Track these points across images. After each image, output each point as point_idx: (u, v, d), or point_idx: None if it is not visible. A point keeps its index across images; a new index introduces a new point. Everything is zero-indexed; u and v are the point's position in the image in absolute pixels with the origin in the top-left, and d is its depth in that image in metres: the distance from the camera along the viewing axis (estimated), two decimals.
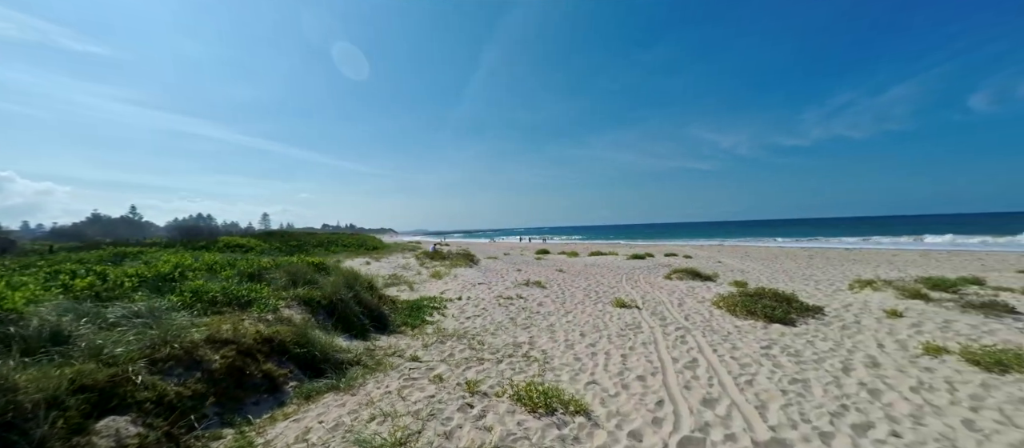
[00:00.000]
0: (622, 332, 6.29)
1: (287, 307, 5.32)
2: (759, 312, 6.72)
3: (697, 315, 7.26)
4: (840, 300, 8.09)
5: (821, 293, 9.08)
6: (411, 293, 10.14)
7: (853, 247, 29.05)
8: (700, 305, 8.05)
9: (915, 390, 3.95)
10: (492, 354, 5.27)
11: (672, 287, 10.56)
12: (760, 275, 13.25)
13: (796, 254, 23.31)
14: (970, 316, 6.29)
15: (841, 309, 7.25)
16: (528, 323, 6.97)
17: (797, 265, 16.85)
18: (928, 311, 6.67)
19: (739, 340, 5.70)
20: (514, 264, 18.06)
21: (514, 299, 9.10)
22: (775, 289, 8.35)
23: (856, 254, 22.40)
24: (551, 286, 11.09)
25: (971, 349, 4.71)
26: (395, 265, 16.04)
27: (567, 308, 8.23)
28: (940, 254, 21.35)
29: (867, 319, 6.45)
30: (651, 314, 7.46)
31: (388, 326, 6.51)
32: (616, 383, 4.30)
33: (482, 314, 7.69)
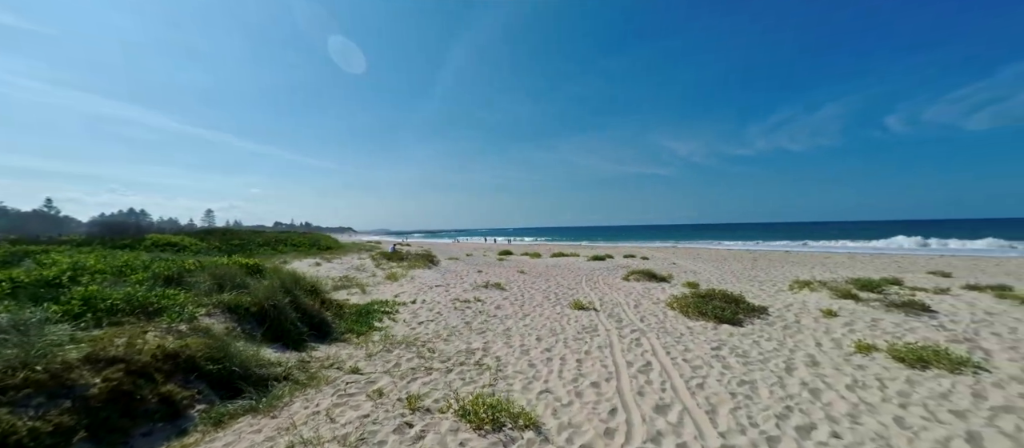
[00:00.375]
0: (578, 336, 6.19)
1: (208, 315, 4.71)
2: (710, 313, 6.88)
3: (652, 317, 7.33)
4: (782, 300, 8.51)
5: (765, 293, 9.54)
6: (363, 297, 9.56)
7: (791, 250, 31.38)
8: (655, 306, 8.17)
9: (850, 388, 4.11)
10: (442, 363, 4.96)
11: (629, 288, 10.70)
12: (711, 276, 13.81)
13: (742, 256, 24.73)
14: (893, 315, 6.78)
15: (783, 309, 7.60)
16: (484, 328, 6.71)
17: (743, 266, 17.81)
18: (858, 310, 7.13)
19: (691, 341, 5.76)
20: (475, 265, 17.72)
21: (471, 302, 8.80)
22: (724, 290, 8.64)
23: (794, 257, 24.12)
24: (511, 288, 10.89)
25: (896, 347, 5.01)
26: (348, 266, 15.18)
27: (525, 311, 8.05)
28: (864, 257, 23.48)
29: (806, 319, 6.78)
30: (608, 316, 7.45)
31: (330, 334, 6.00)
32: (570, 391, 4.14)
33: (436, 319, 7.33)
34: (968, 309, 7.07)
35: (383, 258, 18.21)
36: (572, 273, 14.78)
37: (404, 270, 14.30)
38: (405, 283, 11.64)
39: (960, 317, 6.60)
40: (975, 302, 7.52)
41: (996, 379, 4.21)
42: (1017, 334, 5.63)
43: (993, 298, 7.74)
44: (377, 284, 11.43)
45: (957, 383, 4.14)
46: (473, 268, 16.30)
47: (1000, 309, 6.95)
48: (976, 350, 5.03)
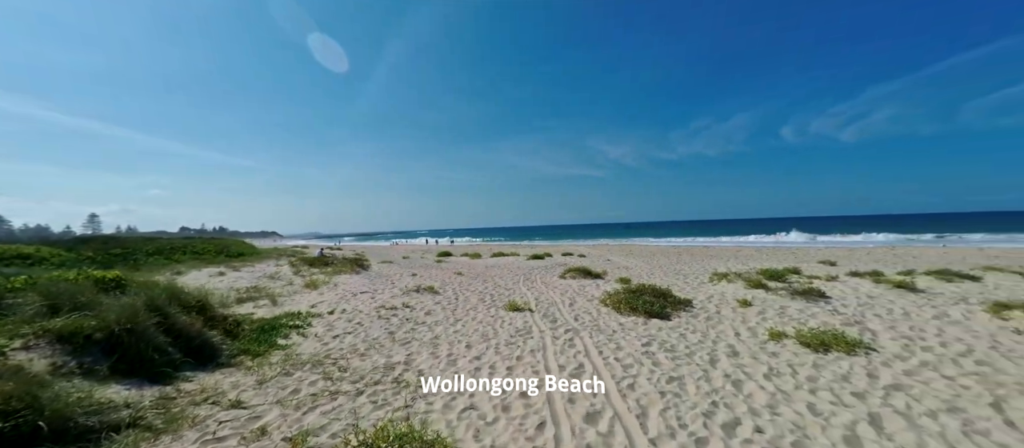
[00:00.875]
0: (511, 340, 5.85)
1: (26, 348, 3.59)
2: (640, 308, 6.95)
3: (586, 314, 7.24)
4: (704, 292, 8.97)
5: (689, 286, 10.03)
6: (272, 309, 8.37)
7: (709, 245, 34.41)
8: (589, 304, 8.13)
9: (768, 377, 4.23)
10: (354, 383, 4.30)
11: (565, 286, 10.67)
12: (641, 271, 14.39)
13: (668, 251, 26.46)
14: (797, 302, 7.40)
15: (705, 301, 7.96)
16: (409, 337, 6.10)
17: (669, 261, 18.97)
18: (769, 300, 7.68)
19: (623, 338, 5.70)
20: (411, 268, 16.78)
21: (399, 309, 8.09)
22: (654, 285, 8.88)
23: (712, 250, 26.37)
24: (445, 291, 10.31)
25: (802, 332, 5.36)
26: (260, 275, 13.46)
27: (458, 315, 7.56)
28: (768, 249, 26.38)
29: (726, 310, 7.13)
30: (543, 317, 7.23)
31: (216, 357, 5.01)
32: (496, 405, 3.75)
33: (355, 330, 6.55)
34: (854, 293, 7.95)
35: (305, 264, 16.51)
36: (511, 273, 14.55)
37: (328, 276, 13.00)
38: (326, 291, 10.50)
39: (848, 301, 7.37)
40: (858, 287, 8.51)
41: (884, 358, 4.62)
42: (893, 315, 6.36)
43: (871, 283, 8.82)
44: (293, 294, 10.16)
45: (854, 364, 4.46)
46: (407, 271, 15.38)
47: (878, 292, 7.92)
48: (865, 332, 5.55)
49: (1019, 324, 5.42)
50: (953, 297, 7.37)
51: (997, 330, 5.35)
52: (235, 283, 11.55)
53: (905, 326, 5.74)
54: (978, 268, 10.78)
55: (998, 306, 6.07)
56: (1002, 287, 8.19)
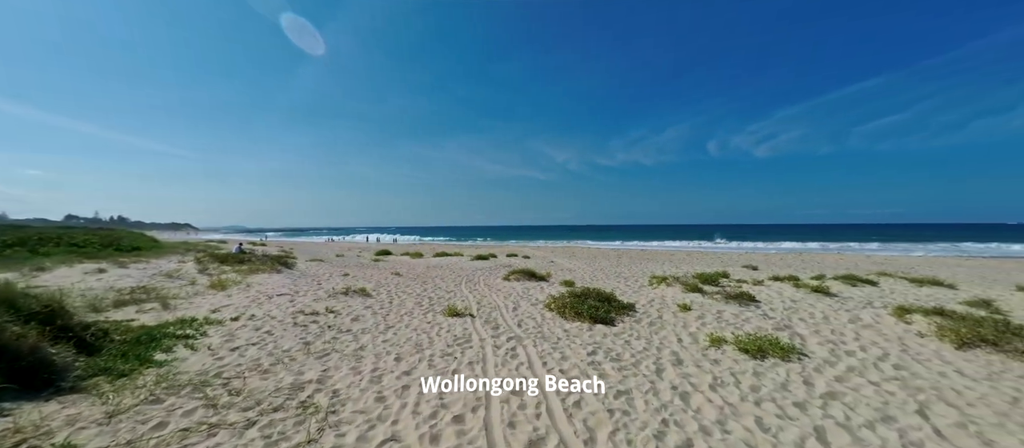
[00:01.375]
0: (448, 350, 5.26)
1: None
2: (585, 314, 6.71)
3: (530, 320, 6.86)
4: (645, 296, 9.04)
5: (630, 289, 10.11)
6: (161, 314, 6.97)
7: (646, 248, 36.26)
8: (533, 308, 7.77)
9: (713, 387, 4.09)
10: (246, 411, 3.47)
11: (509, 289, 10.26)
12: (585, 274, 14.45)
13: (609, 254, 27.30)
14: (732, 306, 7.64)
15: (647, 305, 7.97)
16: (328, 349, 5.27)
17: (611, 263, 19.44)
18: (706, 304, 7.86)
19: (568, 347, 5.37)
20: (344, 267, 15.40)
21: (321, 314, 7.12)
22: (598, 289, 8.76)
23: (649, 254, 27.68)
24: (379, 294, 9.40)
25: (740, 338, 5.40)
26: (154, 273, 11.45)
27: (390, 322, 6.80)
28: (698, 254, 28.30)
29: (667, 314, 7.14)
30: (485, 322, 6.72)
31: (59, 380, 3.85)
32: (425, 434, 3.17)
33: (263, 340, 5.56)
34: (779, 297, 8.44)
35: (215, 261, 14.45)
36: (453, 274, 13.86)
37: (241, 275, 11.38)
38: (236, 292, 9.09)
39: (775, 305, 7.76)
40: (782, 291, 9.08)
41: (815, 364, 4.73)
42: (815, 318, 6.75)
43: (792, 287, 9.48)
44: (193, 296, 8.65)
45: (790, 371, 4.50)
46: (338, 271, 14.06)
47: (799, 297, 8.47)
48: (795, 336, 5.75)
49: (920, 327, 5.94)
50: (861, 301, 8.07)
51: (903, 333, 5.81)
52: (117, 282, 9.65)
53: (827, 330, 6.06)
54: (873, 274, 12.14)
55: (900, 310, 6.67)
56: (896, 291, 9.19)
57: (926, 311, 6.41)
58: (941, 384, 4.10)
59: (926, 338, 5.55)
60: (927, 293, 9.06)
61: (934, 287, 9.73)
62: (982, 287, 10.20)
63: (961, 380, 4.20)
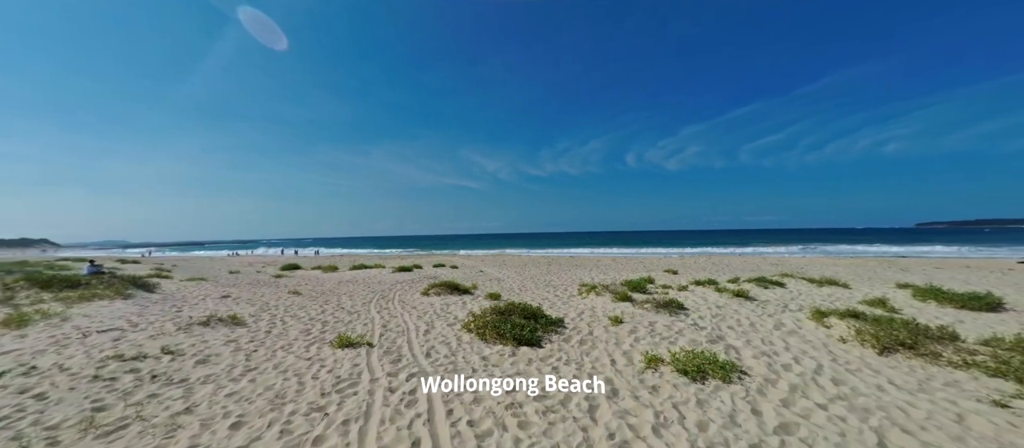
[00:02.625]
0: (316, 405, 3.86)
1: None
2: (508, 335, 5.70)
3: (443, 346, 5.67)
4: (575, 307, 8.35)
5: (559, 300, 9.40)
6: None
7: (575, 254, 36.93)
8: (450, 329, 6.59)
9: (657, 431, 3.29)
10: None
11: (426, 305, 8.93)
12: (513, 284, 13.59)
13: (539, 261, 27.00)
14: (662, 316, 7.20)
15: (577, 318, 7.23)
16: (129, 418, 3.56)
17: (540, 271, 18.92)
18: (636, 314, 7.34)
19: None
20: (229, 287, 12.71)
21: (152, 357, 5.19)
22: (525, 303, 7.84)
23: (577, 260, 27.93)
24: (257, 321, 7.47)
25: (677, 357, 4.78)
26: None
27: (254, 362, 5.14)
28: (622, 259, 29.28)
29: (598, 329, 6.42)
30: (384, 353, 5.38)
31: None
32: None
33: (19, 412, 3.64)
34: (705, 303, 8.27)
35: (36, 286, 10.92)
36: (367, 290, 12.09)
37: (65, 305, 8.52)
38: (37, 331, 6.55)
39: (703, 312, 7.51)
40: (706, 296, 9.00)
41: (757, 384, 4.22)
42: (743, 326, 6.51)
43: (714, 292, 9.50)
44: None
45: (734, 396, 3.91)
46: (218, 291, 11.48)
47: (723, 302, 8.39)
48: (730, 350, 5.32)
49: (840, 332, 5.90)
50: (777, 304, 8.19)
51: (826, 339, 5.71)
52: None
53: (758, 339, 5.76)
54: (777, 275, 12.96)
55: (817, 314, 6.71)
56: (802, 293, 9.64)
57: (841, 314, 6.49)
58: (885, 402, 3.77)
59: (848, 343, 5.46)
60: (828, 293, 9.64)
61: (832, 287, 10.46)
62: (868, 285, 11.26)
63: (899, 395, 3.93)
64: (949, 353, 4.83)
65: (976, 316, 7.12)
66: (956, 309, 7.66)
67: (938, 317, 7.07)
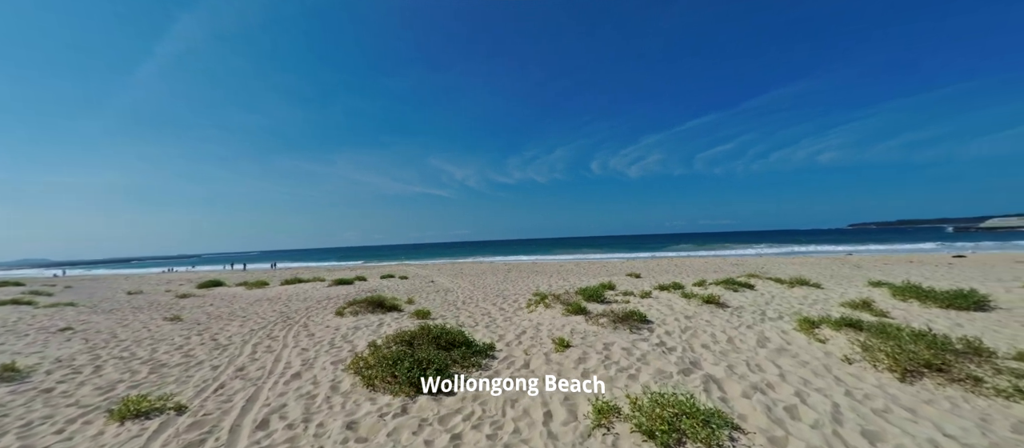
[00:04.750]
0: None
1: None
2: (403, 378, 3.94)
3: (300, 404, 3.83)
4: (517, 324, 6.72)
5: (503, 314, 7.75)
6: None
7: (538, 261, 35.59)
8: (331, 369, 4.72)
9: None
10: None
11: (331, 330, 6.96)
12: (461, 295, 11.85)
13: (500, 269, 25.32)
14: (621, 334, 5.69)
15: (514, 341, 5.58)
16: None
17: (497, 279, 17.26)
18: (589, 334, 5.79)
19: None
20: (99, 313, 10.01)
21: None
22: (447, 328, 6.06)
23: (539, 266, 26.52)
24: (48, 372, 5.24)
25: (638, 403, 3.24)
26: None
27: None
28: (585, 263, 28.22)
29: (536, 359, 4.78)
30: (188, 428, 3.46)
31: None
32: None
33: None
34: (671, 313, 6.90)
35: None
36: (277, 310, 9.85)
37: None
38: None
39: (670, 325, 6.10)
40: (672, 304, 7.67)
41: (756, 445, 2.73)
42: (720, 342, 5.12)
43: (681, 298, 8.21)
44: None
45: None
46: (66, 321, 8.85)
47: (692, 310, 7.06)
48: (709, 383, 3.84)
49: (841, 348, 4.62)
50: (753, 311, 6.96)
51: (826, 358, 4.38)
52: None
53: (742, 363, 4.35)
54: (743, 275, 12.04)
55: (805, 323, 5.46)
56: (775, 295, 8.55)
57: (834, 323, 5.25)
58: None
59: (856, 364, 4.15)
60: (802, 295, 8.61)
61: (804, 287, 9.51)
62: (839, 283, 10.47)
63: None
64: (989, 375, 3.61)
65: (970, 318, 6.18)
66: (943, 309, 6.75)
67: (931, 320, 6.07)
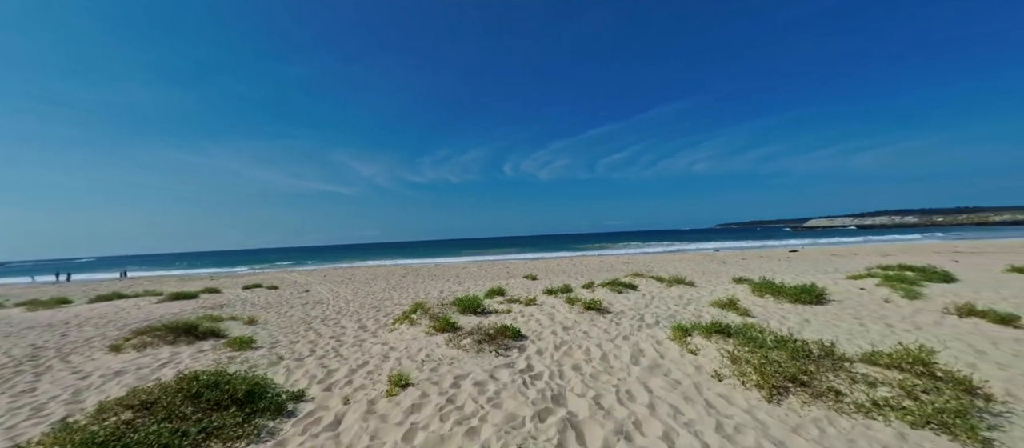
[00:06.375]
0: None
1: None
2: None
3: None
4: (366, 350, 5.31)
5: (358, 338, 6.25)
6: None
7: (443, 263, 33.93)
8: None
9: None
10: None
11: (73, 379, 4.70)
12: (329, 309, 9.92)
13: (396, 273, 23.18)
14: (485, 358, 4.67)
15: (343, 380, 4.18)
16: None
17: (386, 286, 15.42)
18: (443, 362, 4.65)
19: None
20: None
21: None
22: (233, 376, 4.40)
23: (441, 270, 25.00)
24: None
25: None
26: None
27: None
28: (488, 265, 27.52)
29: (353, 414, 3.42)
30: None
31: None
32: None
33: None
34: (550, 325, 6.16)
35: None
36: (25, 345, 6.81)
37: None
38: None
39: (546, 341, 5.29)
40: (554, 313, 6.99)
41: None
42: (593, 361, 4.41)
43: (565, 303, 7.62)
44: None
45: None
46: None
47: (571, 320, 6.41)
48: (566, 430, 2.95)
49: (709, 360, 4.20)
50: (633, 316, 6.59)
51: (697, 375, 3.88)
52: None
53: (611, 390, 3.63)
54: (629, 274, 12.24)
55: (679, 331, 5.07)
56: (656, 297, 8.50)
57: (705, 330, 4.92)
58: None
59: (725, 381, 3.70)
60: (679, 294, 8.72)
61: (681, 286, 9.76)
62: (709, 280, 11.11)
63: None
64: (847, 387, 3.37)
65: (813, 312, 6.58)
66: (792, 304, 7.19)
67: (785, 317, 6.31)
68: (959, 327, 5.35)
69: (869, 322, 5.79)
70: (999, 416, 3.02)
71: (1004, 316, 5.44)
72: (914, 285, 8.04)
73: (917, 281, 8.51)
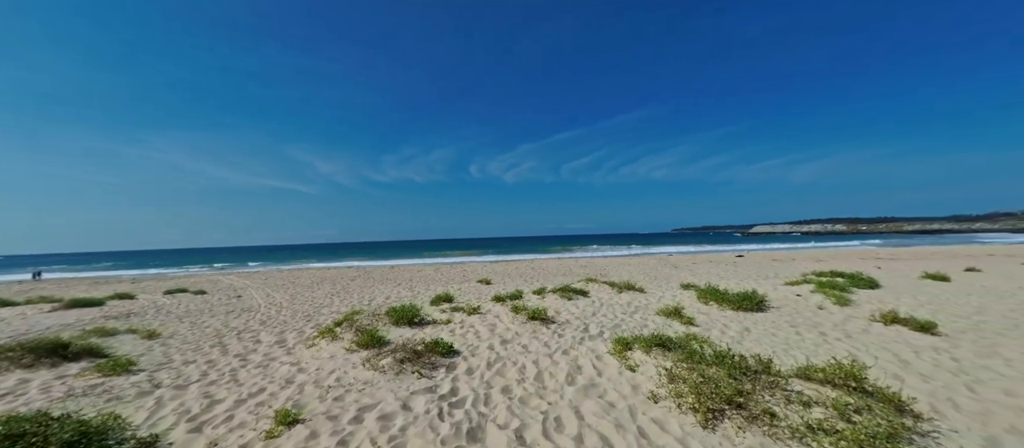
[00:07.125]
0: None
1: None
2: None
3: None
4: (269, 374, 4.59)
5: (271, 354, 5.47)
6: None
7: (402, 265, 32.61)
8: None
9: None
10: None
11: None
12: (254, 318, 8.85)
13: (344, 276, 21.85)
14: (402, 381, 4.13)
15: (221, 417, 3.50)
16: None
17: (329, 291, 14.31)
18: (352, 389, 4.06)
19: None
20: None
21: None
22: (84, 420, 3.62)
23: (396, 272, 23.89)
24: None
25: None
26: None
27: None
28: (446, 268, 26.70)
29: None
30: None
31: None
32: None
33: None
34: (489, 337, 5.71)
35: None
36: None
37: None
38: None
39: (479, 359, 4.83)
40: (496, 324, 6.55)
41: None
42: (527, 380, 3.99)
43: (509, 311, 7.21)
44: None
45: None
46: None
47: (512, 332, 5.98)
48: None
49: (648, 378, 3.91)
50: (578, 326, 6.28)
51: (634, 397, 3.56)
52: None
53: (539, 421, 3.21)
54: (582, 279, 12.08)
55: (620, 344, 4.79)
56: (605, 303, 8.29)
57: (646, 343, 4.66)
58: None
59: (661, 403, 3.41)
60: (628, 301, 8.58)
61: (631, 292, 9.66)
62: (659, 286, 11.15)
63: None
64: (782, 408, 3.17)
65: (754, 319, 6.60)
66: (734, 311, 7.22)
67: (727, 325, 6.26)
68: (885, 335, 5.48)
69: (804, 330, 5.84)
70: (926, 435, 2.92)
71: (923, 323, 5.65)
72: (844, 292, 8.39)
73: (847, 288, 8.91)
